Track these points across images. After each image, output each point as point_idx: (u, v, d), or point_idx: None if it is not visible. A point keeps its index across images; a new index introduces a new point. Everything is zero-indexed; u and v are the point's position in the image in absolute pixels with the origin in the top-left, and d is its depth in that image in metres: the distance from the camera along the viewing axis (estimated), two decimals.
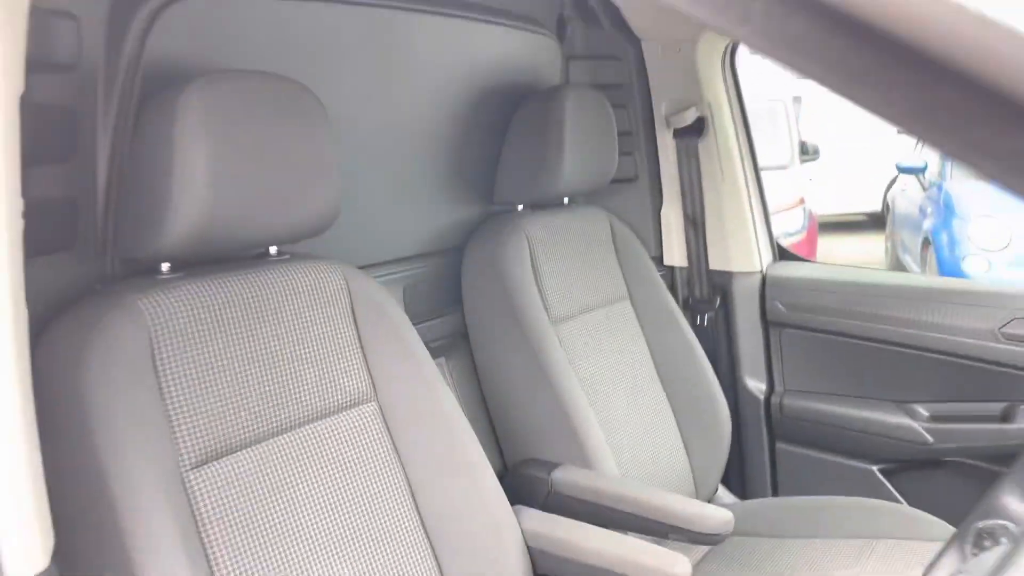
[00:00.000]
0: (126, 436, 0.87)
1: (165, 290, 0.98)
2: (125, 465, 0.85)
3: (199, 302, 1.00)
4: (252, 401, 1.02)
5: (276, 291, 1.09)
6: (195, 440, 0.95)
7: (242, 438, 1.00)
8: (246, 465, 0.99)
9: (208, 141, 0.94)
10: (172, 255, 1.00)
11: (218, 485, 0.95)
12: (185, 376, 0.96)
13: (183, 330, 0.97)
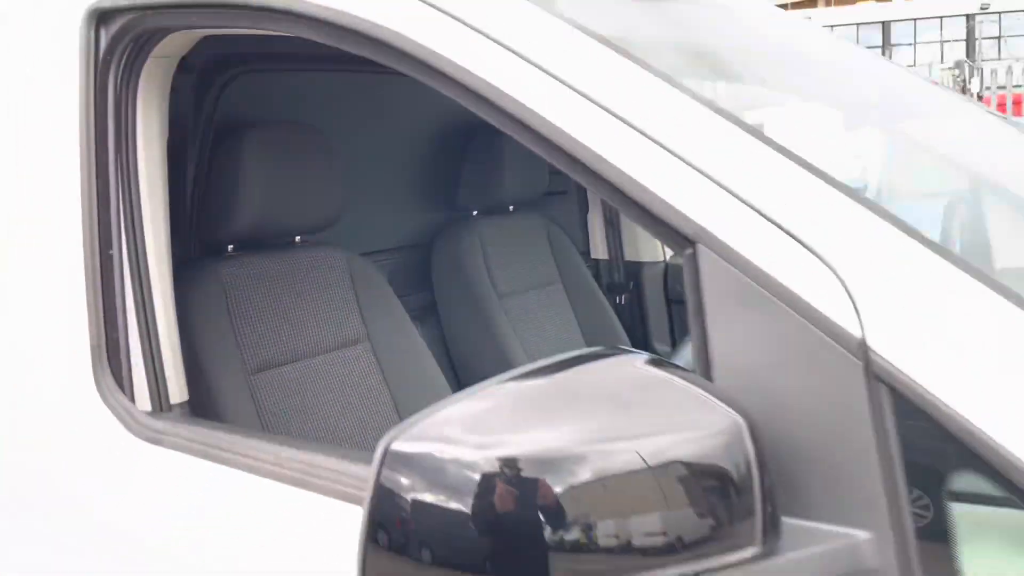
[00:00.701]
0: (214, 348, 1.41)
1: (232, 262, 1.52)
2: (214, 363, 1.39)
3: (254, 271, 1.54)
4: (288, 335, 1.56)
5: (301, 266, 1.64)
6: (254, 356, 1.48)
7: (284, 357, 1.53)
8: (288, 375, 1.53)
9: (259, 168, 1.48)
10: (235, 240, 1.54)
11: (269, 386, 1.49)
12: (246, 317, 1.50)
13: (244, 287, 1.52)
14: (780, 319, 0.66)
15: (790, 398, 0.66)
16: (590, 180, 0.77)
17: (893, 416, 0.63)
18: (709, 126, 0.75)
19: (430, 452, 0.60)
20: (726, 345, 0.69)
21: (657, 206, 0.72)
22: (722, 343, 0.69)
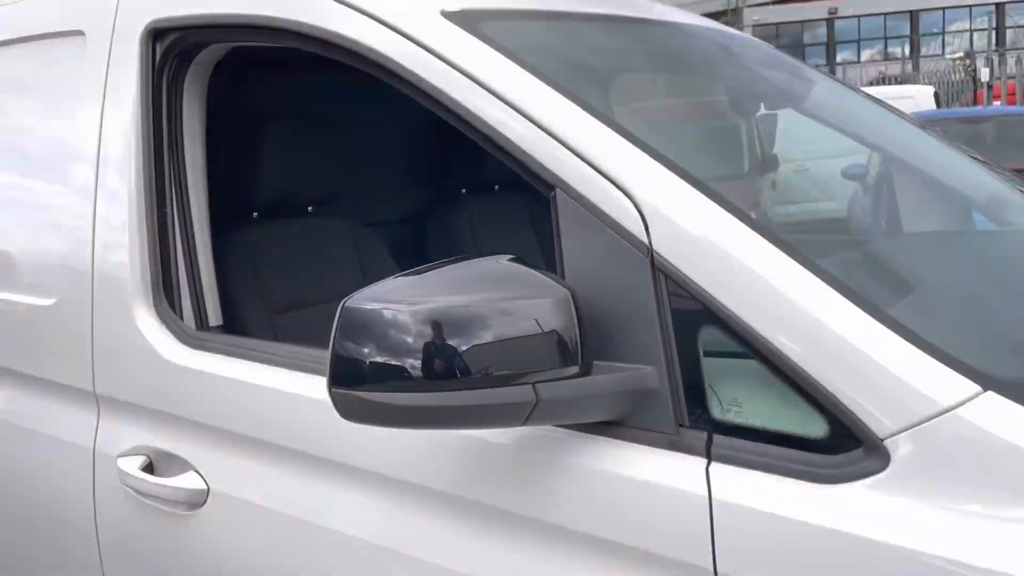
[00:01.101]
0: (243, 290, 1.79)
1: (257, 226, 1.91)
2: (243, 302, 1.78)
3: (274, 232, 1.93)
4: (303, 285, 1.94)
5: (313, 231, 2.02)
6: (275, 299, 1.87)
7: (299, 302, 1.92)
8: (303, 316, 1.91)
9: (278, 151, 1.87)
10: (259, 208, 1.93)
11: (287, 324, 1.87)
12: (269, 268, 1.89)
13: (267, 245, 1.90)
14: (602, 233, 1.03)
15: (606, 281, 1.02)
16: (493, 149, 1.13)
17: (667, 293, 0.99)
18: (571, 112, 1.11)
19: (375, 307, 0.96)
20: (572, 251, 1.05)
21: (533, 165, 1.09)
22: (570, 249, 1.06)
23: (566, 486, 1.02)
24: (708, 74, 1.69)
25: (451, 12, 1.24)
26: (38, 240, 1.69)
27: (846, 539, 0.86)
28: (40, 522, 1.67)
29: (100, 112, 1.58)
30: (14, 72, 1.81)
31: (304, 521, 1.26)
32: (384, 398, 0.94)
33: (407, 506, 1.16)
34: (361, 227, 2.15)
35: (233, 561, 1.35)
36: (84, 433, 1.57)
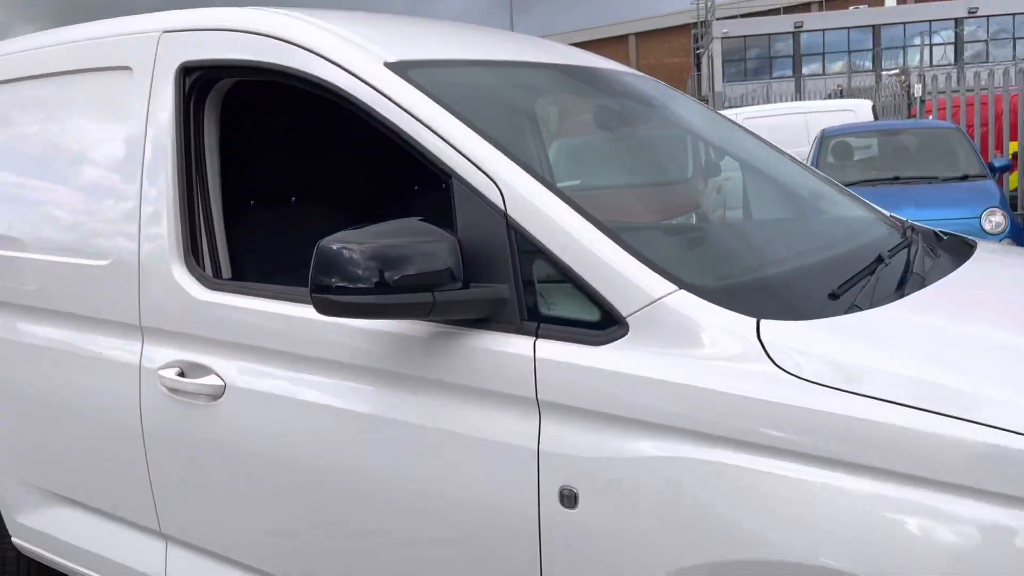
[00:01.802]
0: (244, 255, 2.44)
1: (253, 211, 2.55)
2: (244, 264, 2.42)
3: (266, 217, 2.57)
4: (289, 253, 2.58)
5: (295, 218, 2.66)
6: (268, 260, 2.51)
7: (285, 265, 2.55)
8: (288, 278, 2.55)
9: (267, 155, 2.52)
10: (254, 198, 2.57)
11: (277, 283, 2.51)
12: (264, 242, 2.53)
13: (261, 226, 2.54)
14: (477, 204, 1.68)
15: (480, 233, 1.67)
16: (415, 153, 1.79)
17: (515, 240, 1.64)
18: (462, 130, 1.76)
19: (338, 246, 1.60)
20: (461, 215, 1.71)
21: (438, 163, 1.74)
22: (460, 214, 1.71)
23: (455, 358, 1.68)
24: (570, 103, 2.37)
25: (390, 63, 1.89)
26: (97, 220, 2.32)
27: (607, 373, 1.52)
28: (97, 422, 2.30)
29: (144, 125, 2.22)
30: (75, 94, 2.44)
31: (293, 400, 1.90)
32: (343, 299, 1.59)
33: (360, 380, 1.81)
34: (332, 212, 2.80)
35: (245, 435, 1.99)
36: (131, 354, 2.21)
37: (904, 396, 1.32)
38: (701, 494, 1.41)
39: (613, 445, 1.51)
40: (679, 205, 2.68)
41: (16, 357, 2.52)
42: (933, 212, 6.87)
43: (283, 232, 2.61)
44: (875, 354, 1.39)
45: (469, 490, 1.65)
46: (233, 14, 2.12)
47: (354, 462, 1.80)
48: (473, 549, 1.66)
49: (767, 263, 1.84)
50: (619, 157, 2.40)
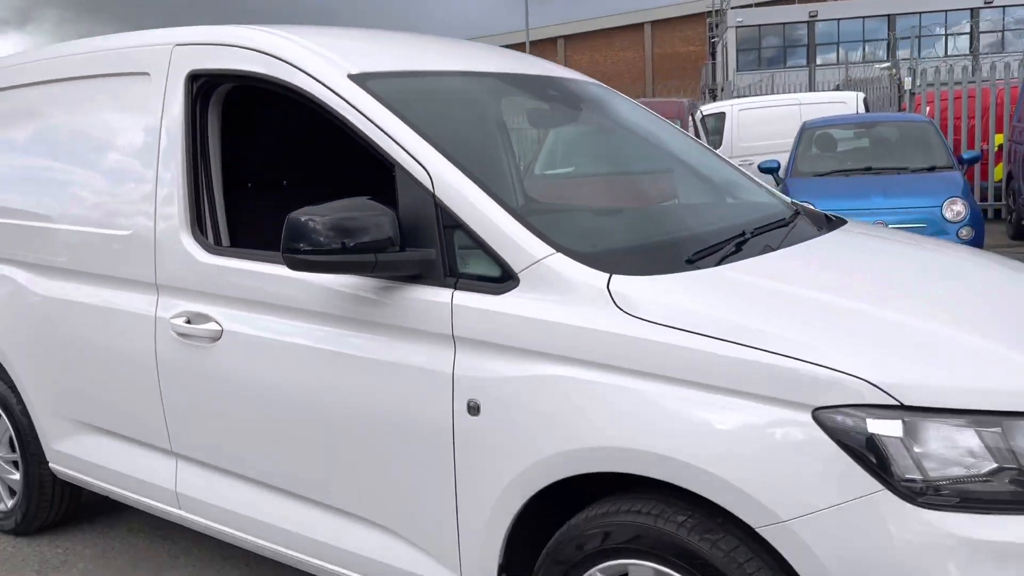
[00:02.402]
0: (241, 229, 2.96)
1: (250, 193, 3.07)
2: (240, 236, 2.94)
3: (262, 199, 3.09)
4: (279, 227, 3.10)
5: (284, 199, 3.18)
6: (260, 234, 3.02)
7: (276, 238, 3.07)
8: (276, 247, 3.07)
9: (262, 146, 3.03)
10: (251, 180, 3.09)
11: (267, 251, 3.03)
12: (259, 221, 3.05)
13: (257, 205, 3.06)
14: (413, 186, 2.18)
15: (414, 208, 2.17)
16: (368, 147, 2.29)
17: (440, 214, 2.14)
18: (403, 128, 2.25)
19: (304, 218, 2.09)
20: (401, 194, 2.20)
21: (385, 155, 2.24)
22: (400, 193, 2.20)
23: (395, 306, 2.18)
24: (504, 105, 2.87)
25: (352, 74, 2.39)
26: (120, 198, 2.84)
27: (503, 315, 2.01)
28: (120, 362, 2.83)
29: (160, 121, 2.73)
30: (102, 94, 2.96)
31: (274, 340, 2.42)
32: (307, 258, 2.09)
33: (325, 325, 2.32)
34: (312, 193, 3.30)
35: (237, 369, 2.50)
36: (148, 306, 2.73)
37: (706, 328, 1.81)
38: (564, 401, 1.92)
39: (505, 368, 2.01)
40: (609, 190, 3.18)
41: (52, 311, 3.06)
42: (898, 201, 7.31)
43: (272, 209, 3.13)
44: (690, 299, 1.89)
45: (406, 404, 2.16)
46: (231, 31, 2.63)
47: (320, 387, 2.32)
48: (410, 447, 2.17)
49: (632, 235, 2.35)
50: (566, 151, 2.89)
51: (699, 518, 1.81)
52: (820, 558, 1.65)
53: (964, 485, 1.62)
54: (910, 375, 1.67)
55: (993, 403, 1.66)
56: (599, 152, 3.31)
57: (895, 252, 2.50)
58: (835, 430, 1.65)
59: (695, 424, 1.77)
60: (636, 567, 1.88)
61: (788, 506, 1.67)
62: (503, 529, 2.04)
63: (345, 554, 2.37)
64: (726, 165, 3.30)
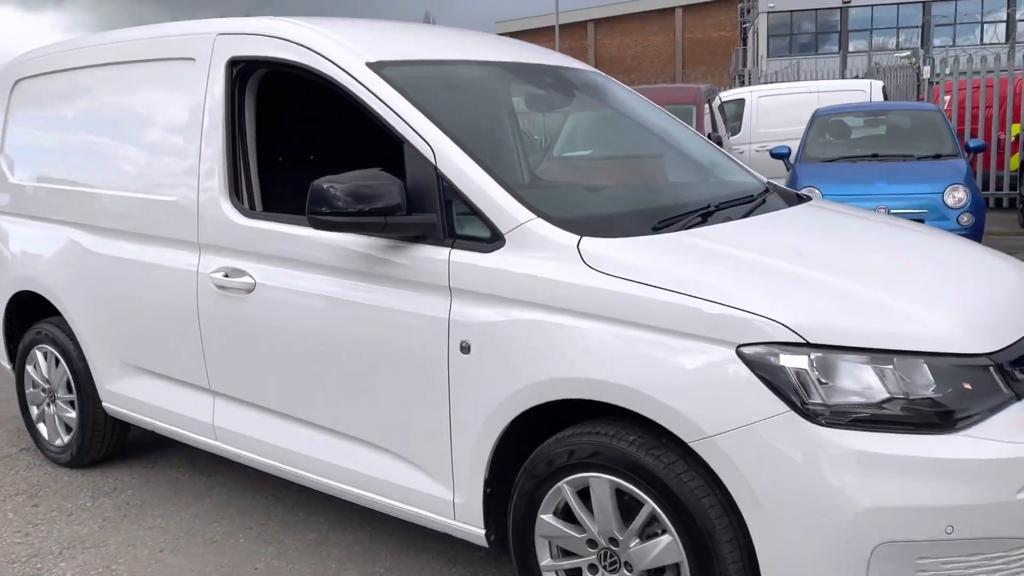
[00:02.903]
0: (272, 198, 3.35)
1: (281, 167, 3.47)
2: (271, 203, 3.34)
3: (292, 173, 3.49)
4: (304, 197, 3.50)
5: (311, 173, 3.57)
6: (288, 203, 3.42)
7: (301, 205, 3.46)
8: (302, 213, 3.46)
9: (292, 125, 3.42)
10: (281, 155, 3.48)
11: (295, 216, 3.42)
12: (289, 191, 3.44)
13: (287, 178, 3.45)
14: (418, 159, 2.55)
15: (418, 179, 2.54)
16: (383, 126, 2.66)
17: (441, 184, 2.50)
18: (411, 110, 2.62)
19: (326, 185, 2.47)
20: (409, 165, 2.58)
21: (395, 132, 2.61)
22: (408, 165, 2.58)
23: (402, 261, 2.56)
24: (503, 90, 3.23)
25: (370, 62, 2.76)
26: (167, 168, 3.25)
27: (491, 269, 2.38)
28: (166, 312, 3.24)
29: (203, 102, 3.13)
30: (152, 77, 3.36)
31: (300, 291, 2.81)
32: (327, 218, 2.47)
33: (343, 278, 2.71)
34: (335, 165, 3.69)
35: (268, 316, 2.90)
36: (191, 263, 3.14)
37: (654, 280, 2.17)
38: (538, 340, 2.29)
39: (492, 313, 2.38)
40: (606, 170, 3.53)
41: (106, 268, 3.48)
42: (901, 187, 7.57)
43: (299, 179, 3.53)
44: (645, 257, 2.25)
45: (409, 344, 2.54)
46: (267, 23, 3.01)
47: (337, 331, 2.71)
48: (412, 381, 2.56)
49: (609, 206, 2.71)
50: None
51: (646, 438, 2.18)
52: (738, 467, 2.01)
53: (859, 410, 1.97)
54: (816, 319, 2.02)
55: (886, 343, 2.00)
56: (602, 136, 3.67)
57: (838, 223, 2.84)
58: (753, 363, 2.01)
59: (643, 358, 2.13)
60: (595, 479, 2.26)
61: (713, 424, 2.03)
62: (488, 449, 2.42)
63: (357, 475, 2.77)
64: (710, 147, 3.64)
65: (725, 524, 2.08)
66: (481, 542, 2.53)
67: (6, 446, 4.25)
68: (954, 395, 1.99)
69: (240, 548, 3.13)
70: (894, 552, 1.93)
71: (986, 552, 1.95)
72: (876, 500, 1.91)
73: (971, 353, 2.04)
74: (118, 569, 3.01)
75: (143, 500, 3.57)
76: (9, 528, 3.35)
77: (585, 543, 2.32)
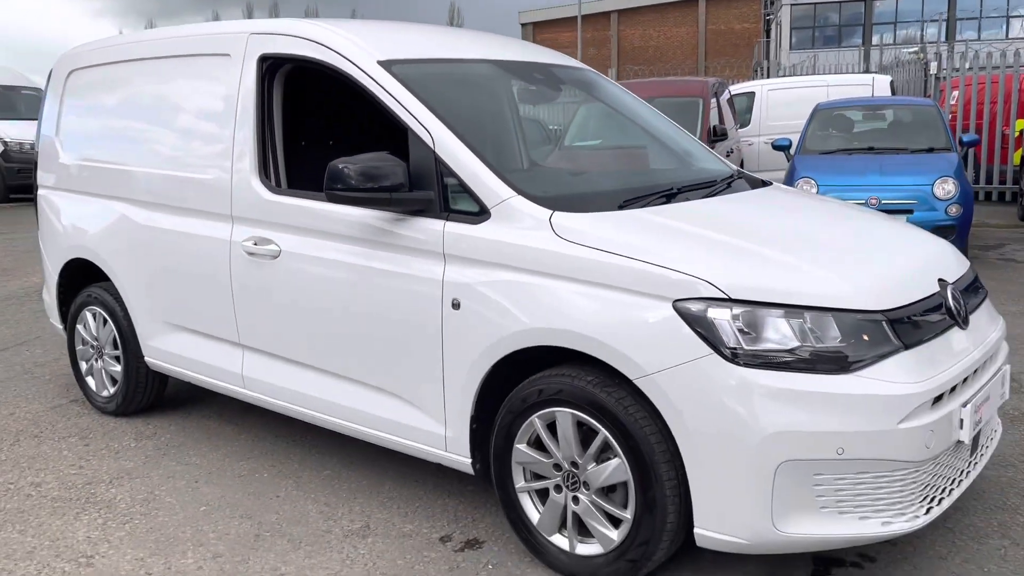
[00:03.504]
0: (296, 177, 3.82)
1: (305, 150, 3.94)
2: (295, 181, 3.81)
3: (314, 154, 3.96)
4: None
5: (329, 155, 4.03)
6: (311, 180, 3.88)
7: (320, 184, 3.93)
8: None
9: (316, 117, 3.88)
10: (304, 140, 3.95)
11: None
12: (311, 171, 3.91)
13: (311, 157, 3.92)
14: (420, 145, 2.99)
15: (419, 161, 2.99)
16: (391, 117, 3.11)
17: (439, 168, 2.95)
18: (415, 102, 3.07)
19: (341, 165, 2.92)
20: (412, 149, 3.03)
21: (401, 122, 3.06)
22: (411, 148, 3.03)
23: (405, 232, 3.01)
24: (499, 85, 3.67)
25: (380, 60, 3.21)
26: (205, 150, 3.72)
27: (479, 239, 2.83)
28: (202, 275, 3.72)
29: (237, 93, 3.59)
30: (191, 70, 3.83)
31: (318, 257, 3.27)
32: (340, 193, 2.93)
33: (354, 246, 3.16)
34: (350, 151, 4.15)
35: (291, 279, 3.37)
36: (224, 233, 3.61)
37: (610, 247, 2.60)
38: (516, 297, 2.73)
39: (479, 275, 2.83)
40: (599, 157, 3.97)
41: (149, 237, 3.97)
42: (893, 179, 7.93)
43: (319, 161, 3.99)
44: (605, 229, 2.68)
45: (410, 302, 3.00)
46: (292, 24, 3.47)
47: (350, 291, 3.17)
48: (412, 332, 3.01)
49: (584, 187, 3.15)
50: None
51: (601, 378, 2.62)
52: (672, 400, 2.45)
53: (772, 355, 2.40)
54: (740, 280, 2.46)
55: (799, 301, 2.43)
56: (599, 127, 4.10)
57: (782, 205, 3.26)
58: (686, 315, 2.45)
59: (599, 311, 2.57)
60: (560, 413, 2.70)
61: (653, 364, 2.47)
62: (474, 390, 2.88)
63: (365, 415, 3.23)
64: (688, 138, 4.06)
65: (663, 448, 2.52)
66: (468, 470, 2.99)
67: (57, 398, 4.76)
68: (853, 344, 2.42)
69: (264, 481, 3.61)
70: (794, 469, 2.36)
71: (872, 471, 2.38)
72: (779, 426, 2.34)
73: (868, 310, 2.46)
74: (160, 494, 3.50)
75: (180, 443, 4.07)
76: (65, 462, 3.86)
77: (552, 467, 2.77)
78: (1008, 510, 3.17)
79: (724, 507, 2.43)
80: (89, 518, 3.30)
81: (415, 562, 2.92)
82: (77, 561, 2.97)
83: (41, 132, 4.75)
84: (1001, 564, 2.80)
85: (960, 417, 2.56)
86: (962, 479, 2.71)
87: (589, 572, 2.71)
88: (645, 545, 2.57)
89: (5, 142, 16.02)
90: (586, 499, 2.70)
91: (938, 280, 2.79)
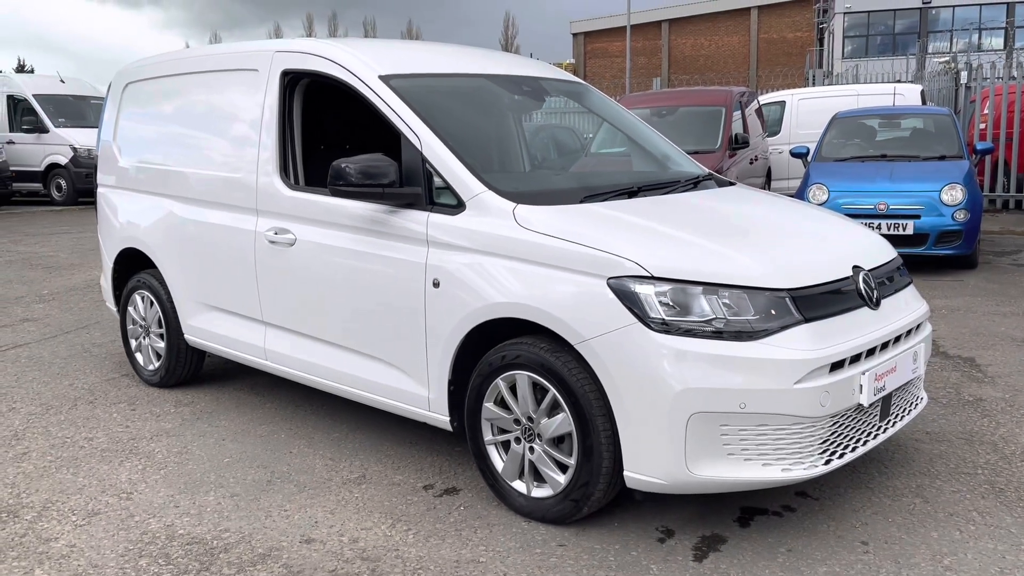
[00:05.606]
0: (312, 177, 4.37)
1: (322, 154, 4.49)
2: (311, 180, 4.36)
3: (329, 157, 4.51)
4: None
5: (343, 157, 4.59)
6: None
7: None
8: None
9: (332, 123, 4.42)
10: (323, 144, 4.49)
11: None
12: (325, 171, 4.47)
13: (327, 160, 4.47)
14: (412, 149, 3.50)
15: (410, 162, 3.50)
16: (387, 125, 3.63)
17: (425, 165, 3.45)
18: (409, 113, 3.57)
19: (343, 165, 3.44)
20: (404, 151, 3.53)
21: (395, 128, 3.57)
22: (404, 151, 3.53)
23: (396, 222, 3.51)
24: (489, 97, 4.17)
25: (381, 75, 3.73)
26: (235, 153, 4.28)
27: (456, 227, 3.32)
28: (232, 261, 4.28)
29: (263, 103, 4.15)
30: (225, 83, 4.41)
31: (326, 245, 3.80)
32: (343, 189, 3.45)
33: (356, 234, 3.68)
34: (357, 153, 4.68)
35: (306, 263, 3.90)
36: (250, 224, 4.17)
37: (560, 234, 3.07)
38: (484, 277, 3.21)
39: (455, 258, 3.32)
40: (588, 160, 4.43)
41: (188, 228, 4.55)
42: (901, 185, 8.21)
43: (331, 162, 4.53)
44: (558, 220, 3.15)
45: (400, 281, 3.50)
46: (310, 43, 4.02)
47: (352, 272, 3.68)
48: (402, 306, 3.51)
49: (552, 184, 3.61)
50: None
51: (552, 345, 3.08)
52: (604, 362, 2.90)
53: (689, 324, 2.84)
54: (663, 262, 2.90)
55: (714, 279, 2.87)
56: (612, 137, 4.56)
57: (732, 201, 3.69)
58: (616, 290, 2.90)
59: (549, 288, 3.04)
60: (519, 375, 3.17)
61: (590, 331, 2.92)
62: (451, 356, 3.36)
63: (363, 380, 3.74)
64: (666, 143, 4.50)
65: (600, 404, 2.96)
66: (447, 427, 3.47)
67: (111, 372, 5.39)
68: (760, 317, 2.85)
69: (280, 440, 4.15)
70: (704, 420, 2.80)
71: (772, 424, 2.80)
72: (689, 383, 2.78)
73: (774, 288, 2.89)
74: (192, 449, 4.06)
75: (212, 410, 4.64)
76: (114, 423, 4.45)
77: (512, 422, 3.24)
78: (929, 475, 3.54)
79: (647, 453, 2.88)
80: (131, 465, 3.87)
81: (399, 504, 3.41)
82: (119, 496, 3.54)
83: (101, 137, 5.40)
84: (908, 517, 3.18)
85: (860, 383, 2.96)
86: (868, 439, 3.10)
87: (541, 512, 3.18)
88: (585, 487, 3.03)
89: (75, 148, 17.08)
90: (539, 449, 3.16)
91: (853, 267, 3.19)
